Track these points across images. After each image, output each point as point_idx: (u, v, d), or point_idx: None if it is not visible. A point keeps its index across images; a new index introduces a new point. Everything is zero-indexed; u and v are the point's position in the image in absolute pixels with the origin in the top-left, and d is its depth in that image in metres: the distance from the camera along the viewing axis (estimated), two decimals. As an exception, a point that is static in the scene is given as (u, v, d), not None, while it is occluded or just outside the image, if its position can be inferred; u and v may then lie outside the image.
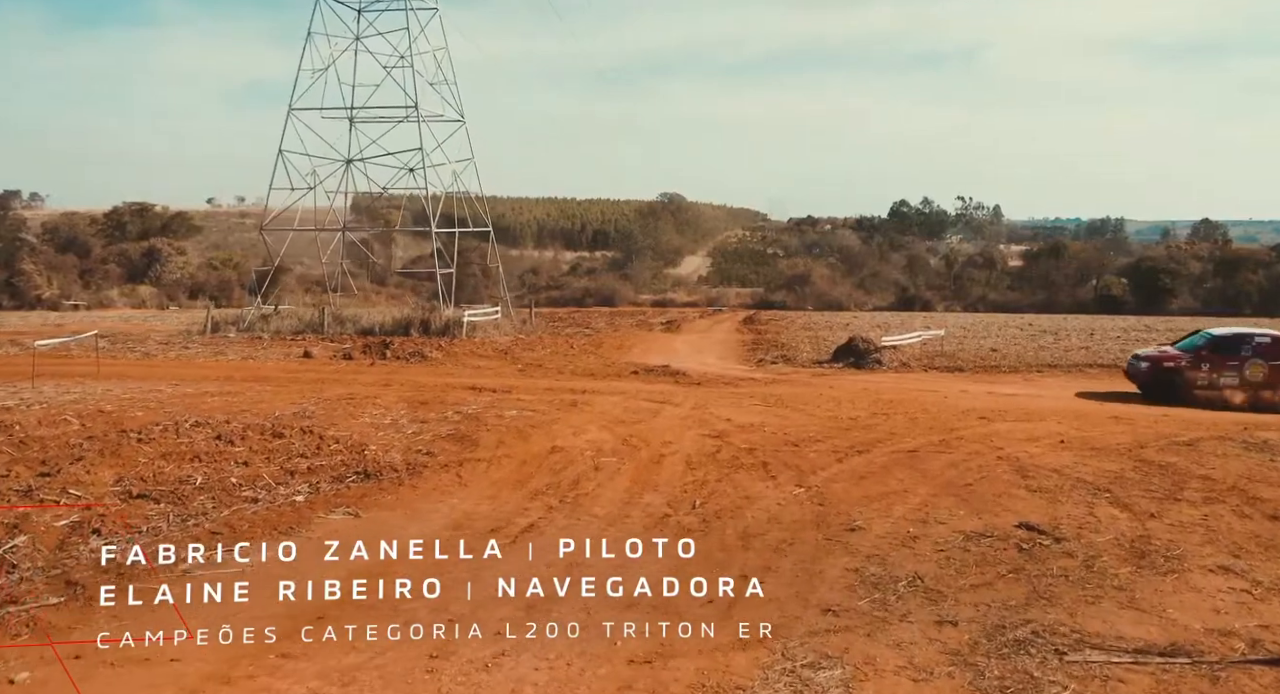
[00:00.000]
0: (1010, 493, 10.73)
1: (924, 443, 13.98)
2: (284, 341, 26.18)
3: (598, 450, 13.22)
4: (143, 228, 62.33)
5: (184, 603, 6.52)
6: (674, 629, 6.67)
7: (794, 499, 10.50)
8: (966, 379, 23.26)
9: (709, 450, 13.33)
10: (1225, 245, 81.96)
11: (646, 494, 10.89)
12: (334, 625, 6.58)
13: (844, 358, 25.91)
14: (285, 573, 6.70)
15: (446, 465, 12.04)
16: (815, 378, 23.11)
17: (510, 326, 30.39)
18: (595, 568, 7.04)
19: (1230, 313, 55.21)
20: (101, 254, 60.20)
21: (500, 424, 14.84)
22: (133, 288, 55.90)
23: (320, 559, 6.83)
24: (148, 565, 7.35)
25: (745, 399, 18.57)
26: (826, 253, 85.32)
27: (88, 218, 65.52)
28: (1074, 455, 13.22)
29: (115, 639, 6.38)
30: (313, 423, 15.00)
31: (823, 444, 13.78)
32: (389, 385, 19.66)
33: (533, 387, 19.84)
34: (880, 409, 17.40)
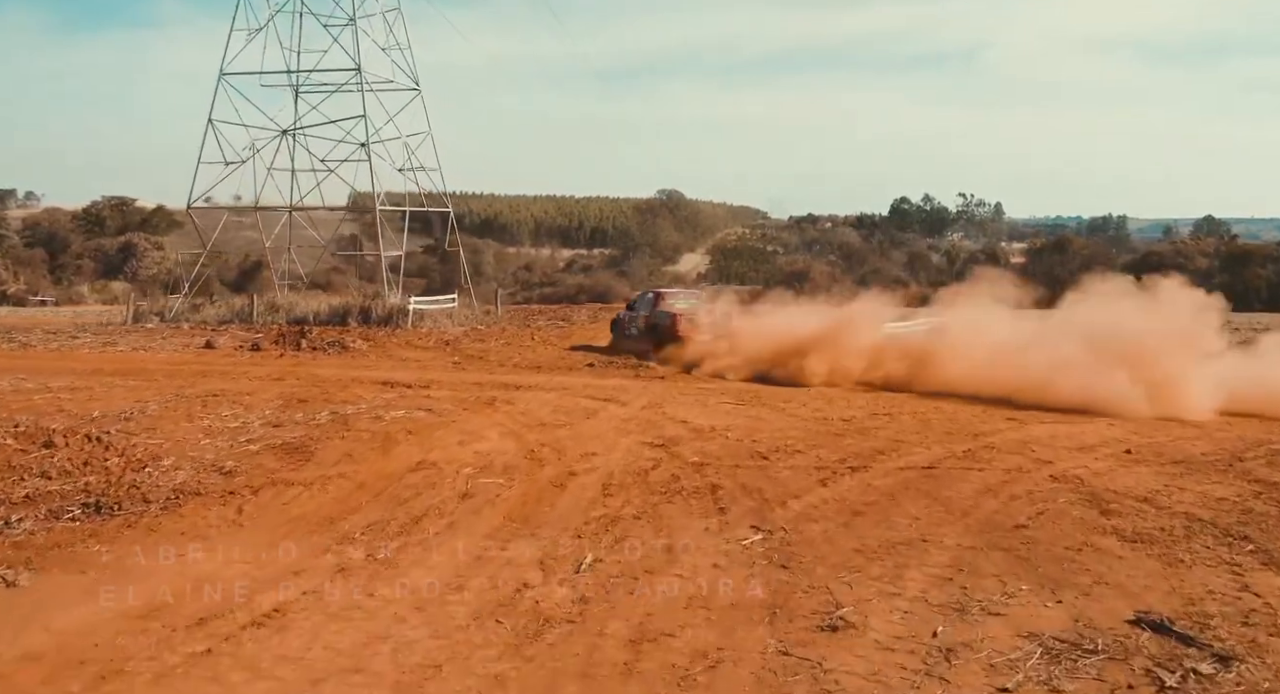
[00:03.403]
0: (1094, 544, 6.40)
1: (942, 454, 9.71)
2: (203, 331, 22.10)
3: (483, 467, 8.98)
4: (122, 223, 58.38)
5: None
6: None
7: (742, 556, 6.20)
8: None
9: (642, 466, 9.06)
10: (1231, 241, 77.62)
11: (517, 542, 6.64)
12: None
13: (840, 349, 21.54)
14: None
15: (235, 492, 7.79)
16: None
17: (470, 316, 26.27)
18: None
19: (1238, 308, 51.00)
20: (78, 250, 56.30)
21: (371, 429, 10.60)
22: (105, 283, 51.90)
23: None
24: None
25: (714, 395, 14.29)
26: (827, 250, 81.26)
27: (70, 214, 61.70)
28: (1154, 473, 8.92)
29: None
30: (128, 427, 10.84)
31: (803, 457, 9.51)
32: (280, 380, 15.45)
33: (458, 381, 15.61)
34: (882, 407, 13.12)
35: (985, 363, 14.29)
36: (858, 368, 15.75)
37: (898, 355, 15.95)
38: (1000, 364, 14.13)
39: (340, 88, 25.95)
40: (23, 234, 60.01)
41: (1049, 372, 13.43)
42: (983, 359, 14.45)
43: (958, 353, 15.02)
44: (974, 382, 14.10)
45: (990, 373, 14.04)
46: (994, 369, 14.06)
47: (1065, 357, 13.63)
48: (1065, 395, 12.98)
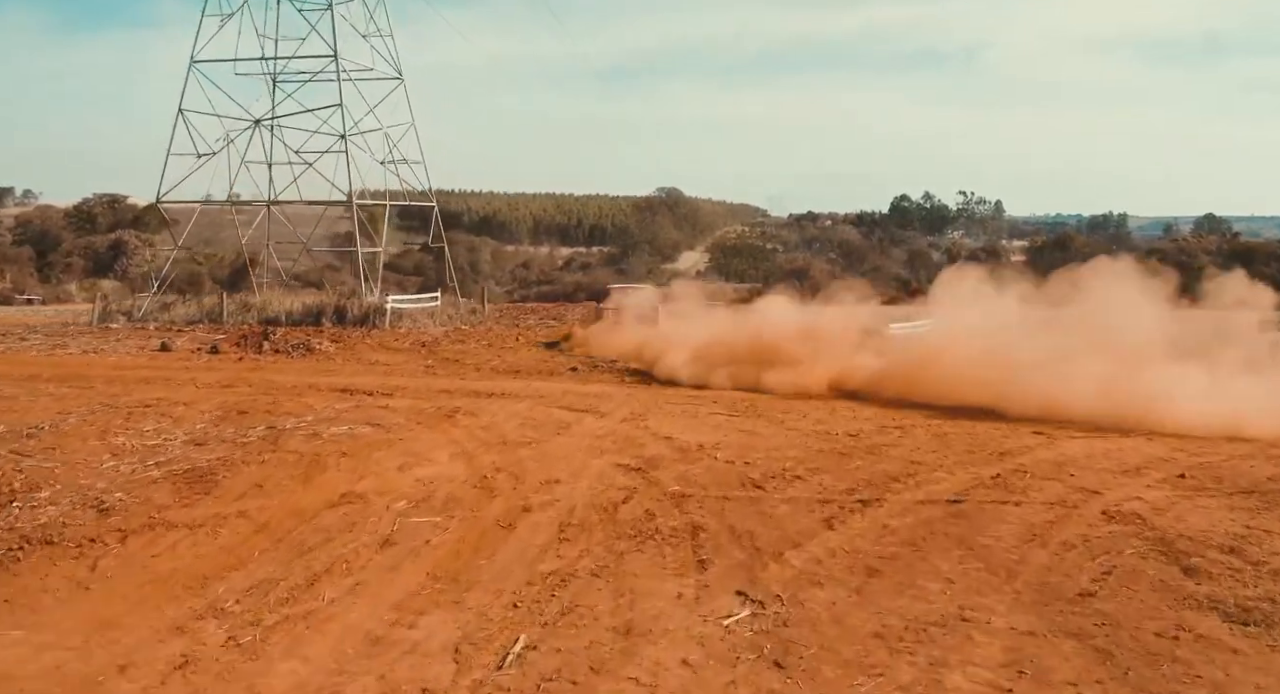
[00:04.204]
0: (1191, 627, 4.75)
1: (968, 481, 8.08)
2: (167, 332, 20.43)
3: (421, 499, 7.36)
4: (114, 221, 56.72)
5: None
6: None
7: (722, 646, 4.58)
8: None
9: (612, 498, 7.45)
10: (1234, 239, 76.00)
11: (433, 615, 5.02)
12: None
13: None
14: None
15: (98, 540, 6.17)
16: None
17: (455, 316, 24.61)
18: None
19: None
20: (69, 247, 54.69)
21: (300, 450, 8.97)
22: (94, 282, 50.28)
23: None
24: None
25: (706, 404, 12.67)
26: (827, 248, 79.58)
27: (62, 212, 60.09)
28: (1225, 508, 7.29)
29: None
30: (25, 446, 9.28)
31: (804, 485, 7.89)
32: (229, 387, 13.83)
33: (424, 388, 13.98)
34: (892, 419, 11.48)
35: (986, 368, 12.21)
36: (822, 377, 13.87)
37: (878, 360, 14.09)
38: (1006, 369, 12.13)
39: (315, 76, 24.20)
40: (14, 231, 58.41)
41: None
42: (980, 364, 12.43)
43: (950, 358, 12.99)
44: (964, 391, 12.15)
45: (1003, 384, 11.88)
46: (1008, 381, 11.94)
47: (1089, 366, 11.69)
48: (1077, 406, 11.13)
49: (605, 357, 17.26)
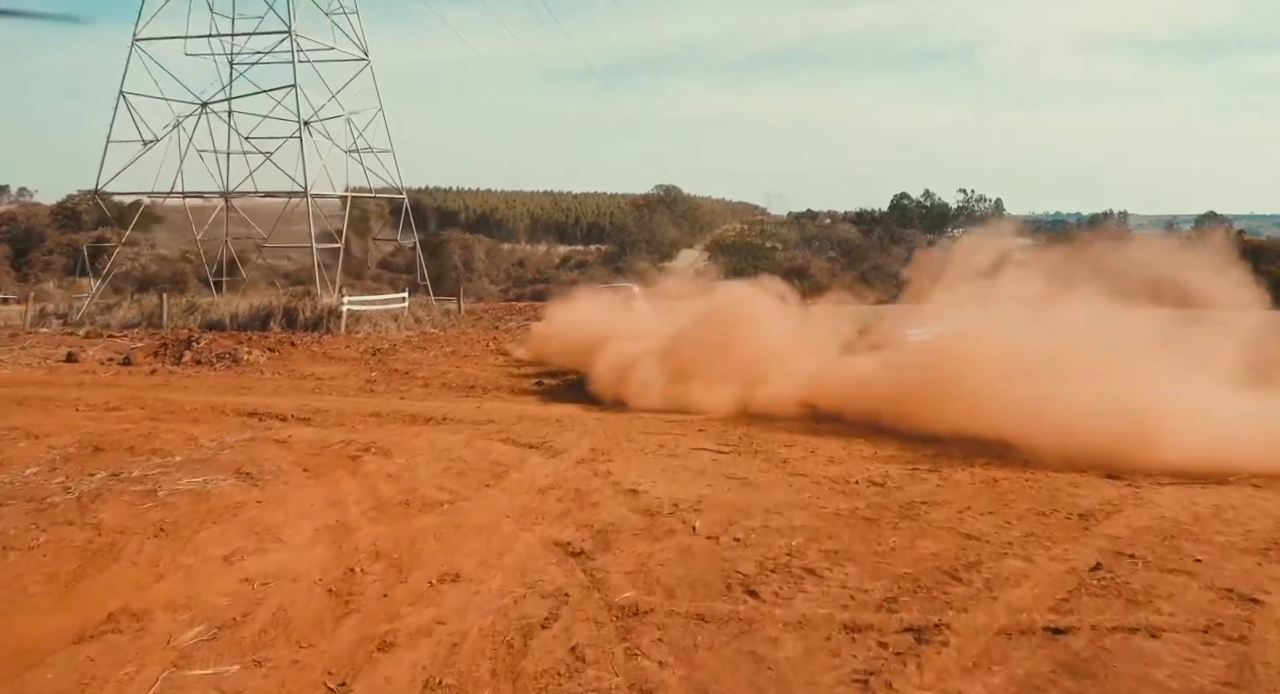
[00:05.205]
0: None
1: (1061, 578, 5.33)
2: (85, 339, 17.73)
3: (233, 620, 4.62)
4: (99, 218, 54.04)
5: None
6: None
7: None
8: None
9: (524, 623, 4.70)
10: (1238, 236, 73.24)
11: None
12: None
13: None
14: None
15: None
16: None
17: (426, 317, 21.87)
18: None
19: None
20: (51, 245, 52.03)
21: (107, 523, 6.23)
22: (74, 280, 47.61)
23: None
24: None
25: (689, 435, 9.90)
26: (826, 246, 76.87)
27: (47, 209, 57.45)
28: None
29: None
30: None
31: (820, 588, 5.14)
32: (116, 409, 11.12)
33: (351, 411, 11.24)
34: (920, 455, 8.70)
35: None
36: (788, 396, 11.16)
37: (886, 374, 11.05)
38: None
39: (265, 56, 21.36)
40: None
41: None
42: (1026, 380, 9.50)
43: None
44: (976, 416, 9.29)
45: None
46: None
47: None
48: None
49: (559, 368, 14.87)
